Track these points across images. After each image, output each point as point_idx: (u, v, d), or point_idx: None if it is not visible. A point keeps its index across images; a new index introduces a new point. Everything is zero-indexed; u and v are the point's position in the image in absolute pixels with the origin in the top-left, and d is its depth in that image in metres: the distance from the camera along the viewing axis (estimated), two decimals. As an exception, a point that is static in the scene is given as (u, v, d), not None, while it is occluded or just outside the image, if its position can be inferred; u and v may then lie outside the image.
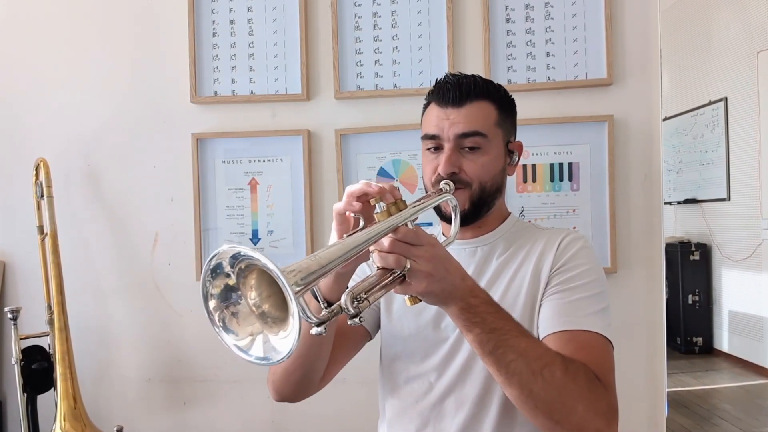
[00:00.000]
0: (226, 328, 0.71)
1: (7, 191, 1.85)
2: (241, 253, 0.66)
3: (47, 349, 1.68)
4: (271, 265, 0.63)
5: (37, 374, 1.66)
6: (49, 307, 1.68)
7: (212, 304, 0.71)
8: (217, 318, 0.72)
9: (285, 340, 0.68)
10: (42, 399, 1.68)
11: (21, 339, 1.65)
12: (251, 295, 0.72)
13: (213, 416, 1.80)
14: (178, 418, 1.81)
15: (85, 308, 1.80)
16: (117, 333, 1.82)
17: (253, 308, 0.72)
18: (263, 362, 0.70)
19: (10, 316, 1.63)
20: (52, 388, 1.65)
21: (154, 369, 1.81)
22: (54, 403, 1.63)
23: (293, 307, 0.64)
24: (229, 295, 0.71)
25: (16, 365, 1.62)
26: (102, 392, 1.81)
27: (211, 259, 0.68)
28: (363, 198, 0.91)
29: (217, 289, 0.71)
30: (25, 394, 1.64)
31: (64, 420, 1.59)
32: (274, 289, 0.70)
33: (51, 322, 1.66)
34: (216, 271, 0.69)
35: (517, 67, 1.69)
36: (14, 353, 1.62)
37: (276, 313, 0.71)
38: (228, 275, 0.69)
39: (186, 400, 1.81)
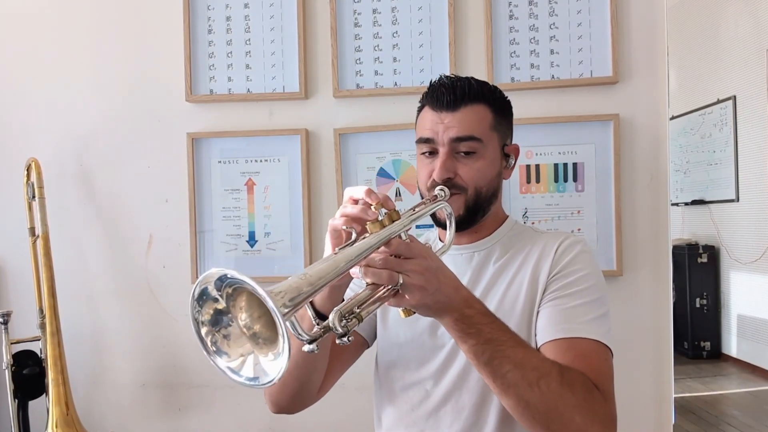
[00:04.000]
0: (218, 351, 0.71)
1: (-2, 192, 1.83)
2: (228, 276, 0.65)
3: (39, 353, 1.67)
4: (257, 288, 0.63)
5: (29, 380, 1.64)
6: (41, 310, 1.66)
7: (204, 330, 0.71)
8: (209, 342, 0.71)
9: (275, 363, 0.67)
10: (33, 405, 1.67)
11: (12, 344, 1.63)
12: (242, 317, 0.71)
13: (209, 423, 1.78)
14: (173, 425, 1.79)
15: (78, 312, 1.78)
16: (110, 337, 1.80)
17: (244, 329, 0.71)
18: (253, 384, 0.69)
19: (0, 320, 1.61)
20: (44, 394, 1.64)
21: (148, 374, 1.79)
22: (46, 410, 1.61)
23: (281, 329, 0.63)
24: (220, 319, 0.71)
25: (6, 370, 1.61)
26: (95, 398, 1.79)
27: (195, 288, 0.67)
28: (360, 221, 0.89)
29: (207, 315, 0.70)
30: (16, 400, 1.63)
31: (56, 426, 1.58)
32: (264, 309, 0.69)
33: (43, 326, 1.64)
34: (202, 297, 0.68)
35: (520, 65, 1.66)
36: (5, 358, 1.61)
37: (267, 333, 0.70)
38: (216, 300, 0.69)
39: (181, 406, 1.79)
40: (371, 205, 0.88)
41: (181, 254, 1.75)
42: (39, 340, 1.65)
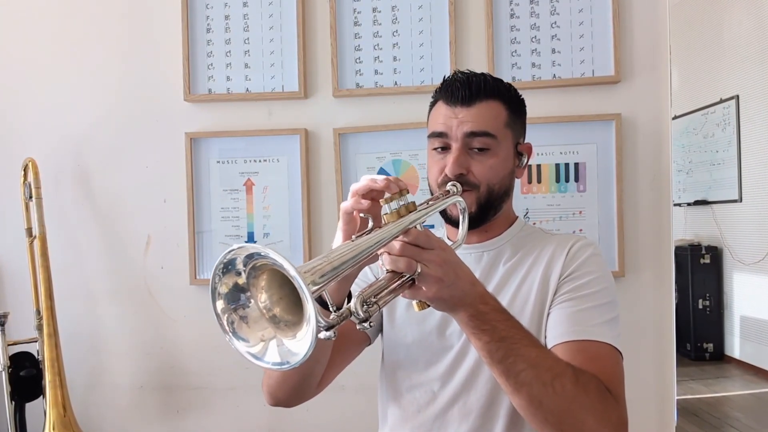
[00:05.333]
0: (236, 335, 0.70)
1: (-5, 192, 1.82)
2: (260, 253, 0.64)
3: (36, 355, 1.66)
4: (287, 265, 0.62)
5: (26, 381, 1.63)
6: (38, 312, 1.65)
7: (220, 305, 0.70)
8: (226, 322, 0.70)
9: (300, 343, 0.66)
10: (31, 407, 1.65)
11: (9, 345, 1.63)
12: (262, 298, 0.70)
13: (207, 425, 1.76)
14: (171, 427, 1.78)
15: (75, 313, 1.77)
16: (108, 339, 1.78)
17: (264, 311, 0.70)
18: (281, 367, 0.69)
19: (-3, 321, 1.60)
20: (41, 396, 1.63)
21: (146, 376, 1.78)
22: (43, 412, 1.60)
23: (310, 307, 0.62)
24: (237, 296, 0.70)
25: (3, 372, 1.60)
26: (92, 400, 1.78)
27: (227, 254, 0.67)
28: (369, 195, 0.90)
29: (225, 287, 0.69)
30: (13, 402, 1.62)
31: (54, 429, 1.57)
32: (285, 291, 0.69)
33: (40, 328, 1.63)
34: (228, 267, 0.68)
35: (521, 65, 1.65)
36: (2, 360, 1.60)
37: (288, 316, 0.70)
38: (239, 273, 0.68)
39: (179, 408, 1.78)
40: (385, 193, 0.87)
41: (180, 255, 1.74)
42: (36, 341, 1.64)
